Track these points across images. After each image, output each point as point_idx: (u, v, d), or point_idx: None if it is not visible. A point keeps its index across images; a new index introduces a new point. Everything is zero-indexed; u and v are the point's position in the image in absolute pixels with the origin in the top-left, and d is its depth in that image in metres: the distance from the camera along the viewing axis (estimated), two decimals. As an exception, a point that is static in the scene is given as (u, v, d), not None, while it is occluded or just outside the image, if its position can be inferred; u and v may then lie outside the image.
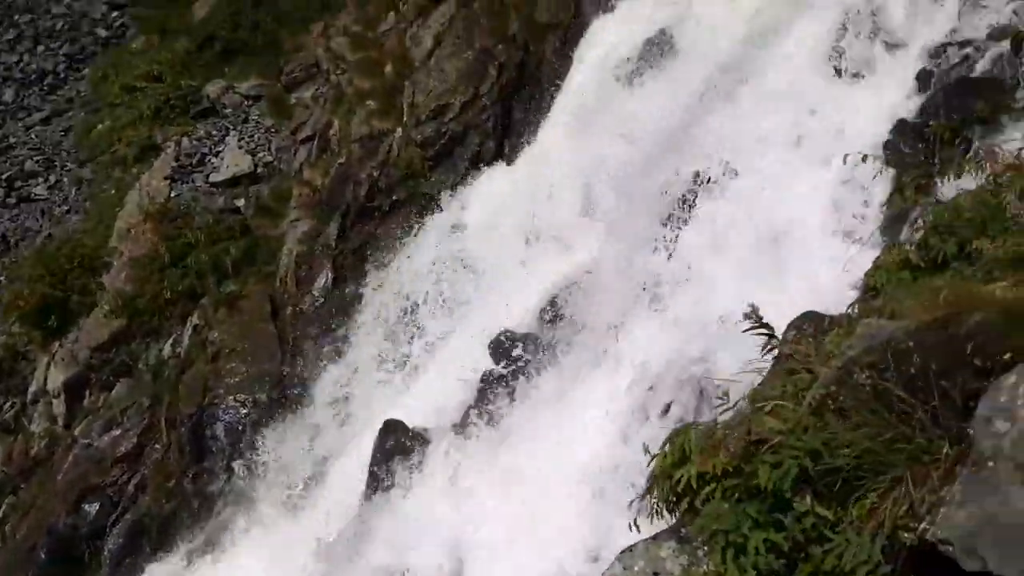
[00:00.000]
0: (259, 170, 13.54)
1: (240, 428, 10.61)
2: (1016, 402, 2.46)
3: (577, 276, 8.56)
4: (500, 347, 8.28)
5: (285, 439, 10.41)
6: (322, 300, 11.24)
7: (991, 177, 5.12)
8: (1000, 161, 5.02)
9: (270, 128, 14.26)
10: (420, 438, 8.17)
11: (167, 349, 11.90)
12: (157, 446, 10.97)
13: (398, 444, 8.08)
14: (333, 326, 10.99)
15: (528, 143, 11.12)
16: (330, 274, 11.23)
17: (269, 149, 13.89)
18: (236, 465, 10.33)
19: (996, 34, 7.45)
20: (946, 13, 8.30)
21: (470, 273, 10.05)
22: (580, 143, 9.83)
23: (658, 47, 9.94)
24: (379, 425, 8.45)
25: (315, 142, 12.90)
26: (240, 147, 13.96)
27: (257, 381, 10.84)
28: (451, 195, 11.10)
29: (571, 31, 11.54)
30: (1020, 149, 5.08)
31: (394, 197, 11.39)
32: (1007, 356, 2.72)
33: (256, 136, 14.15)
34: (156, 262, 12.32)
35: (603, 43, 10.69)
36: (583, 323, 8.34)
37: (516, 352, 8.13)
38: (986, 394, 2.63)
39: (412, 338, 10.26)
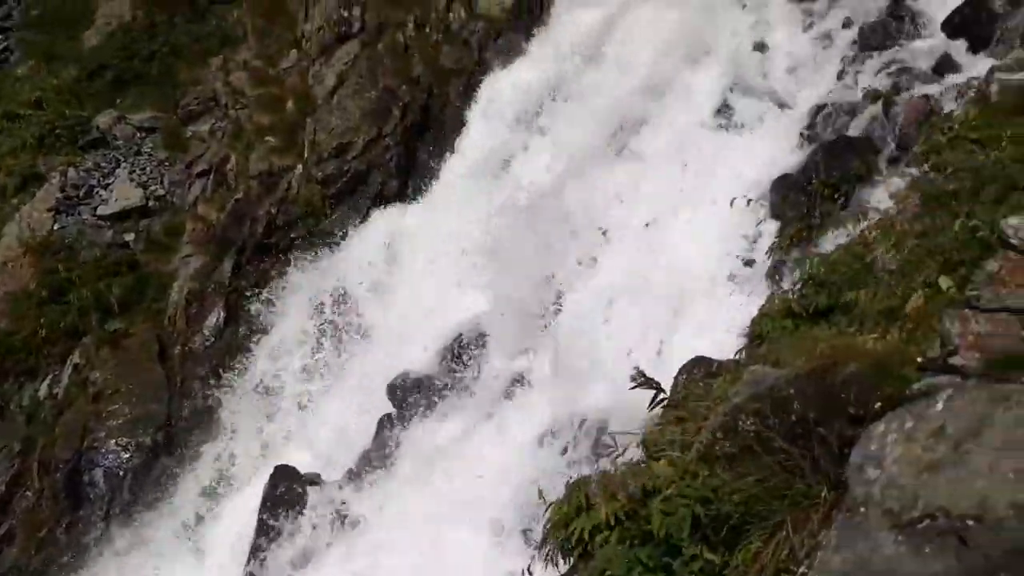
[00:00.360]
0: (151, 204, 13.03)
1: (121, 474, 10.05)
2: (885, 450, 2.58)
3: (478, 318, 8.57)
4: (399, 390, 8.19)
5: (172, 483, 9.92)
6: (213, 339, 10.85)
7: (864, 232, 5.43)
8: (871, 218, 5.34)
9: (164, 161, 13.77)
10: (312, 484, 7.93)
11: (43, 389, 11.20)
12: (28, 493, 10.26)
13: (289, 491, 7.82)
14: (225, 365, 10.62)
15: (431, 184, 11.16)
16: (222, 312, 10.88)
17: (162, 182, 13.40)
18: (114, 514, 9.76)
19: (870, 96, 8.00)
20: (826, 75, 8.88)
21: (371, 314, 9.92)
22: (481, 186, 9.92)
23: (562, 96, 10.20)
24: (269, 471, 8.18)
25: (211, 176, 12.54)
26: (131, 180, 13.41)
27: (142, 423, 10.33)
28: (352, 233, 10.98)
29: (475, 77, 11.71)
30: (886, 210, 5.41)
31: (292, 235, 11.18)
32: (878, 405, 2.86)
33: (148, 169, 13.63)
34: (33, 297, 11.64)
35: (506, 90, 10.88)
36: (484, 365, 8.35)
37: (415, 395, 8.05)
38: (859, 442, 2.75)
39: (308, 378, 10.02)
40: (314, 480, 7.98)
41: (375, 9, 12.26)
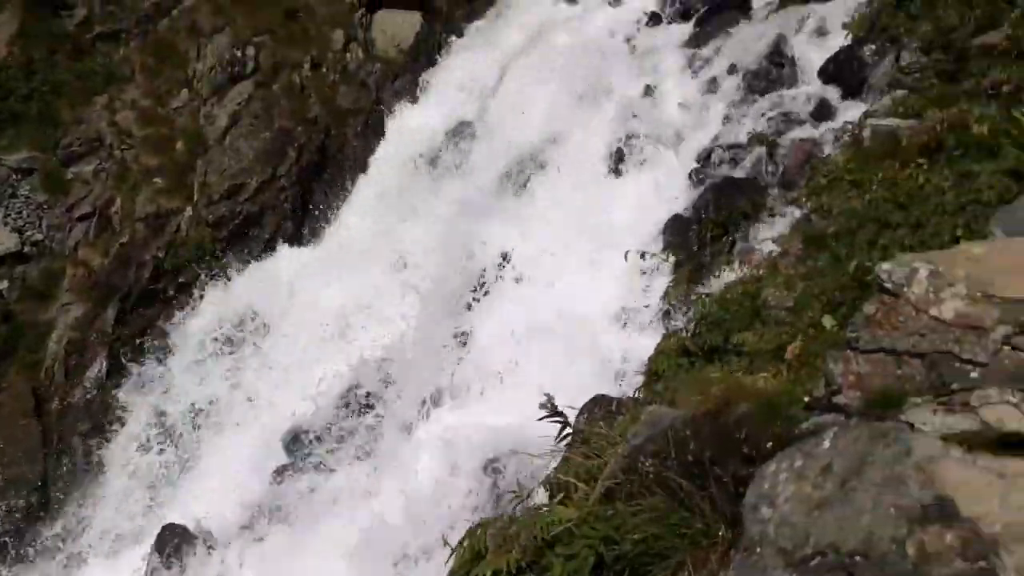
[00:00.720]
0: (27, 249, 12.28)
1: (-11, 540, 9.28)
2: (777, 489, 2.63)
3: (378, 364, 8.40)
4: (296, 440, 7.91)
5: (49, 548, 9.23)
6: (95, 392, 10.24)
7: (752, 271, 5.62)
8: (758, 258, 5.54)
9: (42, 204, 13.03)
10: (205, 542, 7.52)
11: (-96, 451, 10.28)
12: None
13: (178, 550, 7.39)
14: (108, 419, 10.02)
15: (329, 224, 10.97)
16: (105, 363, 10.29)
17: (40, 227, 12.66)
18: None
19: (755, 140, 8.37)
20: (714, 119, 9.25)
21: (267, 360, 9.57)
22: (381, 225, 9.82)
23: (460, 138, 10.25)
24: (157, 530, 7.72)
25: (94, 220, 11.94)
26: (5, 224, 12.64)
27: (14, 485, 9.60)
28: (245, 275, 10.62)
29: (373, 117, 11.66)
30: (771, 252, 5.62)
31: (181, 279, 10.74)
32: (769, 445, 2.92)
33: (25, 212, 12.87)
34: None
35: (405, 131, 10.88)
36: (385, 409, 8.18)
37: (313, 444, 7.79)
38: (752, 482, 2.79)
39: (198, 430, 9.55)
40: (205, 538, 7.57)
41: (270, 49, 12.09)
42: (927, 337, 2.53)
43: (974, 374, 2.41)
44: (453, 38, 12.52)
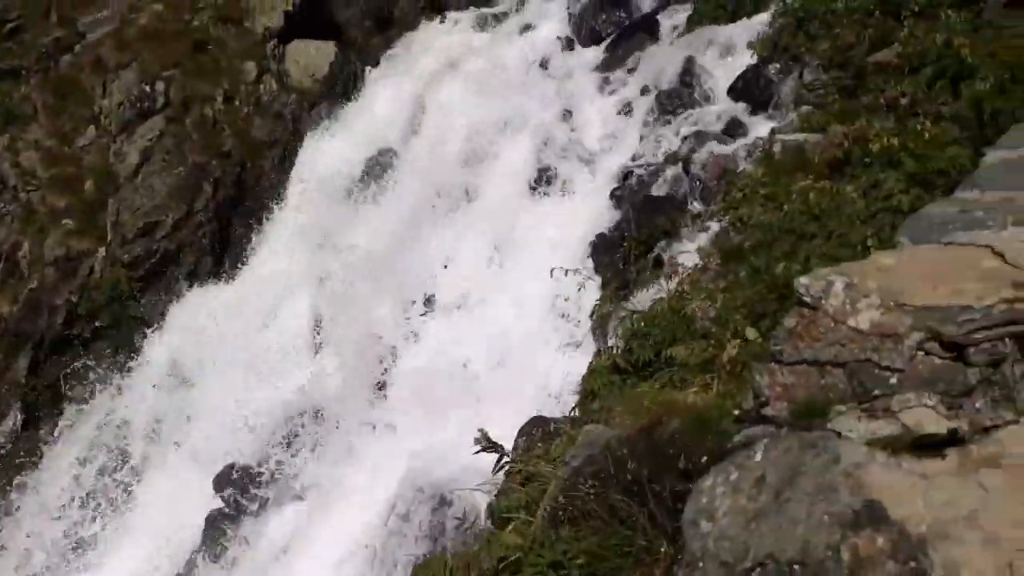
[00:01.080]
0: (-73, 299, 11.66)
1: None
2: (715, 503, 2.68)
3: (308, 401, 8.23)
4: (227, 481, 7.66)
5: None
6: (10, 445, 9.74)
7: (677, 286, 5.75)
8: (681, 273, 5.67)
9: (-59, 251, 12.40)
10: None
11: None
12: None
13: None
14: (25, 471, 9.53)
15: (249, 258, 10.74)
16: (19, 415, 9.81)
17: (-60, 274, 12.04)
18: None
19: (671, 159, 8.59)
20: (631, 139, 9.46)
21: (191, 401, 9.27)
22: (302, 259, 9.66)
23: (380, 166, 10.20)
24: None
25: (0, 265, 11.43)
26: (-98, 273, 11.95)
27: (-79, 549, 9.02)
28: (165, 316, 10.29)
29: (290, 148, 11.52)
30: (694, 265, 5.76)
31: (97, 323, 10.34)
32: (704, 459, 2.98)
33: (-78, 260, 12.22)
34: None
35: (324, 160, 10.77)
36: (319, 444, 8.01)
37: (247, 485, 7.56)
38: (690, 497, 2.85)
39: (125, 476, 9.16)
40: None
41: (180, 83, 11.83)
42: (847, 347, 2.63)
43: (892, 380, 2.52)
44: (369, 67, 12.51)
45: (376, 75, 12.23)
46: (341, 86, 12.08)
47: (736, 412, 2.97)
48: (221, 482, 7.72)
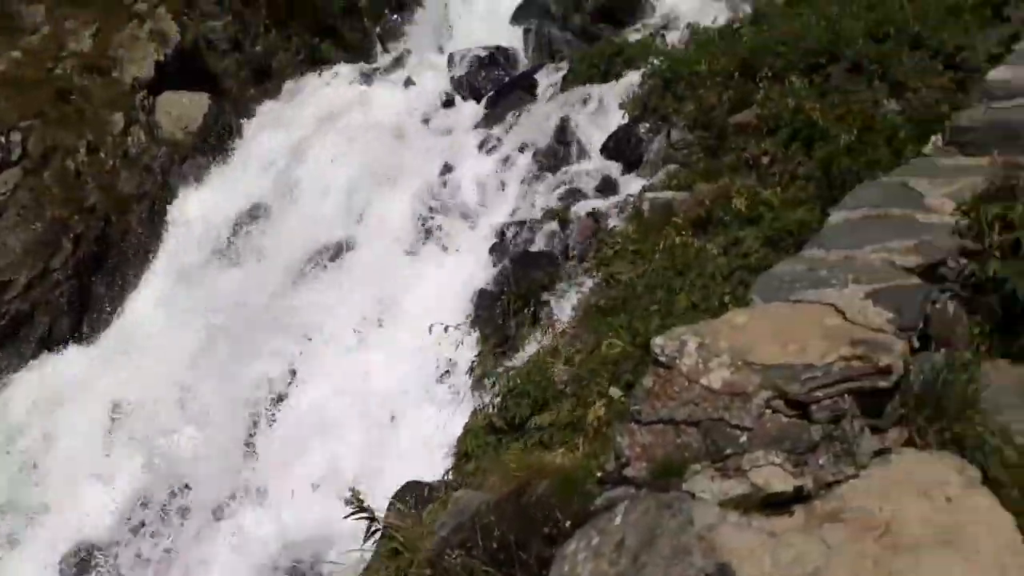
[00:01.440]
0: None
1: None
2: (576, 569, 2.64)
3: (173, 464, 7.76)
4: (76, 562, 7.07)
5: None
6: None
7: (552, 343, 5.79)
8: (556, 329, 5.72)
9: None
10: None
11: None
12: None
13: None
14: None
15: (112, 318, 10.16)
16: None
17: None
18: None
19: (548, 215, 8.75)
20: (510, 195, 9.59)
21: (34, 471, 8.54)
22: (169, 318, 9.21)
23: (254, 221, 9.93)
24: None
25: None
26: None
27: None
28: (14, 382, 9.53)
29: (160, 202, 11.07)
30: (568, 320, 5.83)
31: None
32: (568, 523, 2.95)
33: None
34: None
35: (195, 216, 10.39)
36: (184, 519, 7.54)
37: (98, 564, 7.00)
38: (554, 563, 2.80)
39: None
40: None
41: (40, 134, 11.19)
42: (700, 406, 2.67)
43: (743, 439, 2.56)
44: (245, 119, 12.25)
45: (253, 127, 11.99)
46: (215, 138, 11.75)
47: (599, 474, 2.96)
48: (68, 561, 7.12)
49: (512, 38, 13.28)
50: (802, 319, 3.02)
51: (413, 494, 5.19)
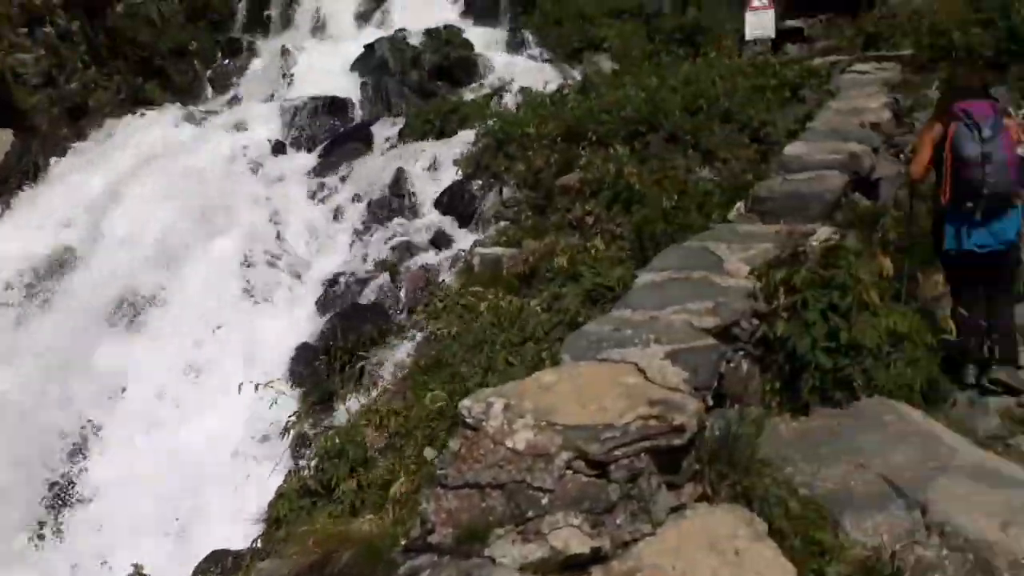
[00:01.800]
0: None
1: None
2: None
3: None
4: None
5: None
6: None
7: (376, 398, 5.64)
8: (380, 385, 5.59)
9: None
10: None
11: None
12: None
13: None
14: None
15: None
16: None
17: None
18: None
19: (380, 267, 8.64)
20: (340, 246, 9.41)
21: None
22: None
23: (57, 267, 9.16)
24: None
25: None
26: None
27: None
28: None
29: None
30: (394, 375, 5.72)
31: None
32: (374, 594, 2.82)
33: None
34: None
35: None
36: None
37: None
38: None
39: None
40: None
41: None
42: (504, 468, 2.65)
43: (544, 500, 2.56)
44: (54, 158, 11.40)
45: (62, 167, 11.17)
46: (18, 177, 10.84)
47: (404, 542, 2.86)
48: None
49: (350, 89, 13.22)
50: (605, 379, 3.08)
51: (219, 564, 4.85)
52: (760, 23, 11.96)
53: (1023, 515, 2.90)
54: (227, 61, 14.54)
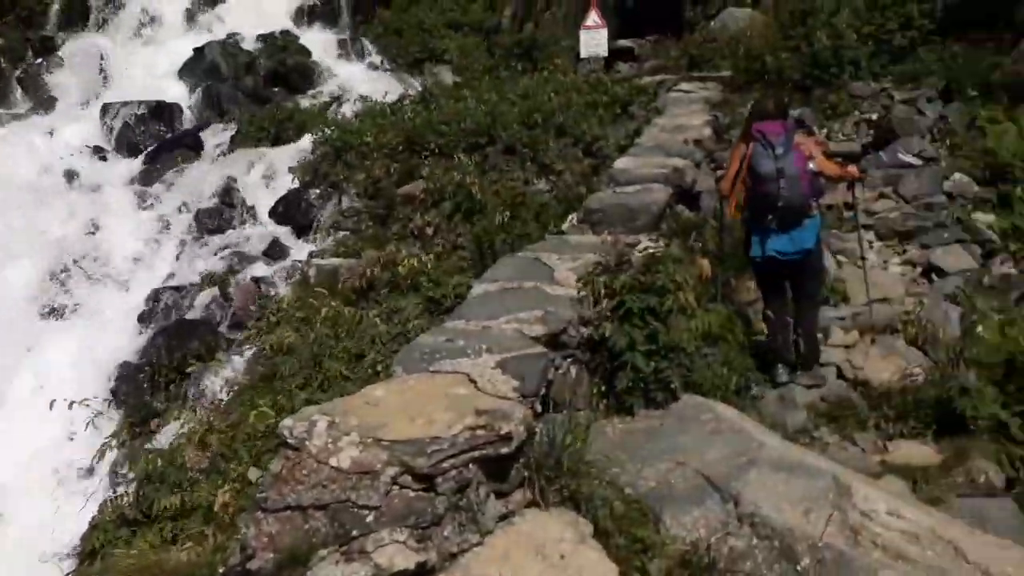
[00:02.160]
0: None
1: None
2: None
3: None
4: None
5: None
6: None
7: (203, 417, 5.33)
8: (210, 404, 5.29)
9: None
10: None
11: None
12: None
13: None
14: None
15: None
16: None
17: None
18: None
19: (207, 279, 8.20)
20: (165, 258, 8.87)
21: None
22: None
23: None
24: None
25: None
26: None
27: None
28: None
29: None
30: (223, 392, 5.43)
31: None
32: (188, 629, 2.66)
33: None
34: None
35: None
36: None
37: None
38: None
39: None
40: None
41: None
42: (328, 488, 2.56)
43: (370, 518, 2.49)
44: None
45: None
46: None
47: (222, 570, 2.71)
48: None
49: (177, 94, 12.55)
50: (435, 390, 3.06)
51: (24, 608, 4.42)
52: (594, 42, 12.41)
53: (823, 501, 3.12)
54: (39, 60, 13.40)
